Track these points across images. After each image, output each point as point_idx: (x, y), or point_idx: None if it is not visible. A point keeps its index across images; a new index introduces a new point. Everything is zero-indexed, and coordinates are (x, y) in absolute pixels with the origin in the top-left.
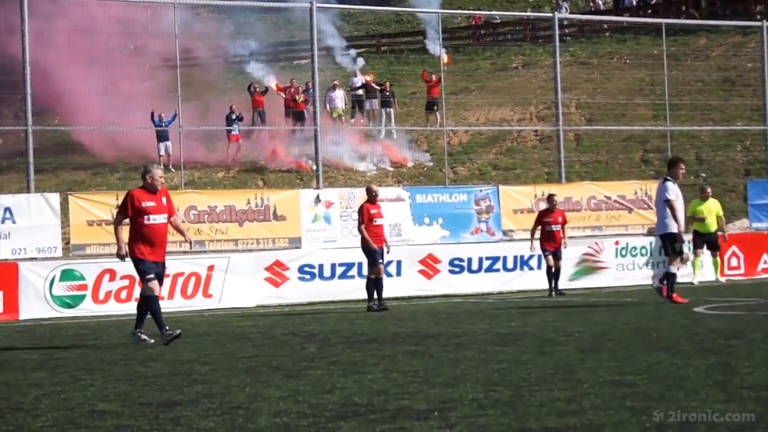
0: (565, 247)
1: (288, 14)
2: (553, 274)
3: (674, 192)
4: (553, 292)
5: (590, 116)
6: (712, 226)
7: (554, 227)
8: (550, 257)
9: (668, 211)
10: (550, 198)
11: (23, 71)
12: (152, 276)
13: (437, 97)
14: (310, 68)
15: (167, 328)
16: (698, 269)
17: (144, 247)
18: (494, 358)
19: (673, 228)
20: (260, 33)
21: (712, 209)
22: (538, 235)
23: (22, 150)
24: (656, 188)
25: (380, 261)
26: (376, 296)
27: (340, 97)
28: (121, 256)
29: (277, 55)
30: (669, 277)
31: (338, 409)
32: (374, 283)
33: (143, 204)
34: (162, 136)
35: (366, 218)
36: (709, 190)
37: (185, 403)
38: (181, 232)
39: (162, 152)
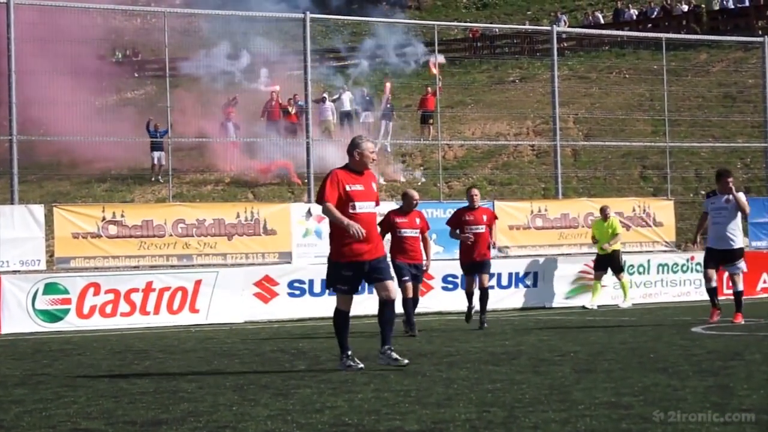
0: (494, 246)
1: (281, 24)
2: (480, 298)
3: (715, 206)
4: (481, 322)
5: (588, 131)
6: (613, 247)
7: (474, 228)
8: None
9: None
10: (469, 194)
11: (8, 80)
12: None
13: (432, 110)
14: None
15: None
16: (597, 293)
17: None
18: (488, 378)
19: (709, 243)
20: (253, 43)
21: (608, 231)
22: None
23: (5, 160)
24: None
25: (405, 278)
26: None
27: (330, 108)
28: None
29: (269, 65)
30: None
31: (328, 429)
32: (404, 303)
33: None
34: (156, 146)
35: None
36: (609, 210)
37: (171, 422)
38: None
39: (155, 162)
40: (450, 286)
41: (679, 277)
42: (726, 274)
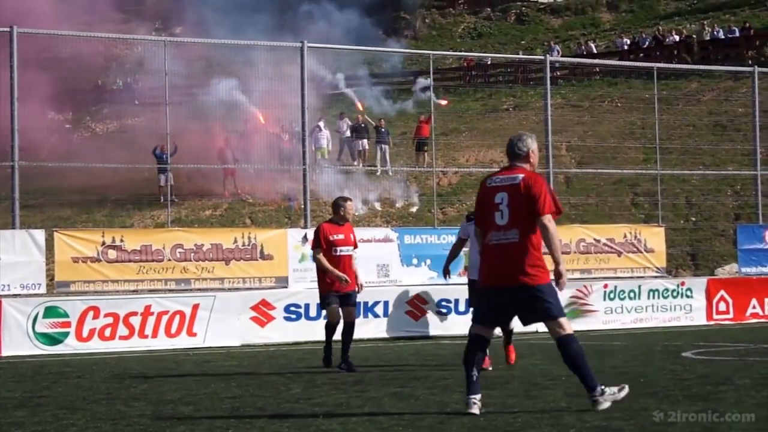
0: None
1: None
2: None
3: None
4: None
5: (581, 159)
6: None
7: (342, 250)
8: (335, 306)
9: None
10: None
11: (11, 106)
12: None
13: (427, 137)
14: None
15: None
16: None
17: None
18: (481, 402)
19: None
20: (248, 71)
21: None
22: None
23: (6, 185)
24: None
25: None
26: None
27: (325, 136)
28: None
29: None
30: None
31: None
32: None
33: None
34: (162, 169)
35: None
36: None
37: None
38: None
39: (162, 183)
40: (444, 311)
41: (670, 302)
42: None
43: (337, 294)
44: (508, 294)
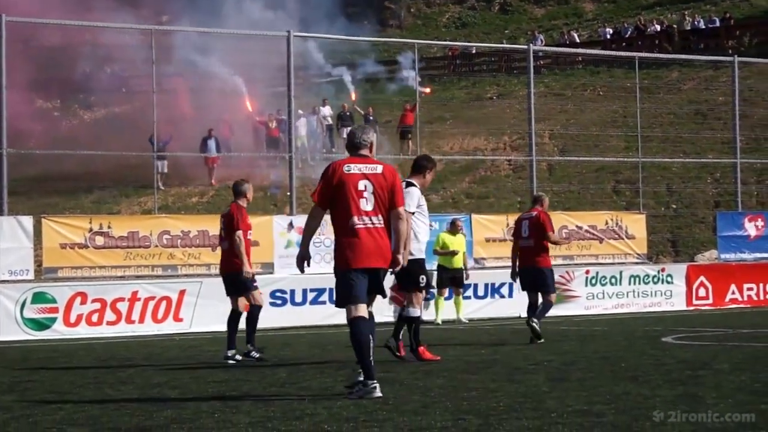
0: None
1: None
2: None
3: None
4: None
5: (563, 147)
6: (460, 261)
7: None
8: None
9: None
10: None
11: None
12: None
13: (411, 125)
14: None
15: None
16: (441, 308)
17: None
18: (464, 386)
19: None
20: (237, 59)
21: (462, 244)
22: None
23: None
24: None
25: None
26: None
27: (303, 124)
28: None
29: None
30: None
31: None
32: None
33: None
34: (159, 156)
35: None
36: (459, 223)
37: (155, 429)
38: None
39: (160, 170)
40: (428, 296)
41: (651, 288)
42: None
43: None
44: (377, 273)
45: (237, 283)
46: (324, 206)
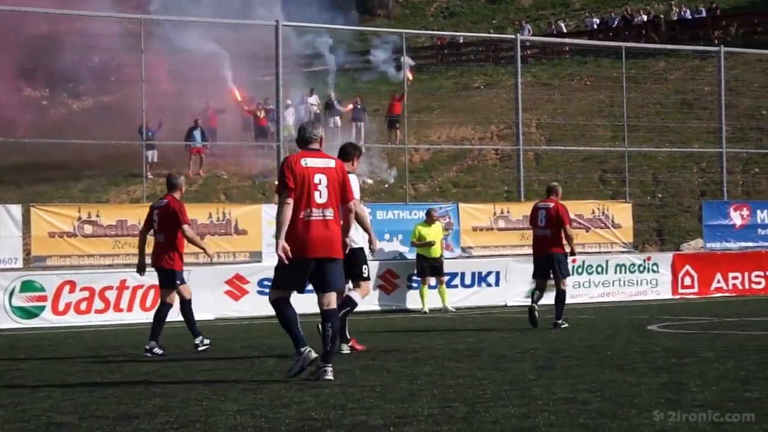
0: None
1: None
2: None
3: None
4: None
5: (550, 136)
6: (438, 251)
7: None
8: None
9: None
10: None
11: None
12: None
13: (399, 114)
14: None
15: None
16: (426, 296)
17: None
18: (450, 374)
19: None
20: (225, 46)
21: (438, 233)
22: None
23: None
24: None
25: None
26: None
27: (291, 114)
28: None
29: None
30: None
31: (295, 424)
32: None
33: None
34: (148, 145)
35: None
36: (435, 213)
37: (142, 416)
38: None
39: (150, 160)
40: (415, 285)
41: (636, 277)
42: None
43: None
44: (323, 264)
45: (170, 277)
46: (297, 194)
